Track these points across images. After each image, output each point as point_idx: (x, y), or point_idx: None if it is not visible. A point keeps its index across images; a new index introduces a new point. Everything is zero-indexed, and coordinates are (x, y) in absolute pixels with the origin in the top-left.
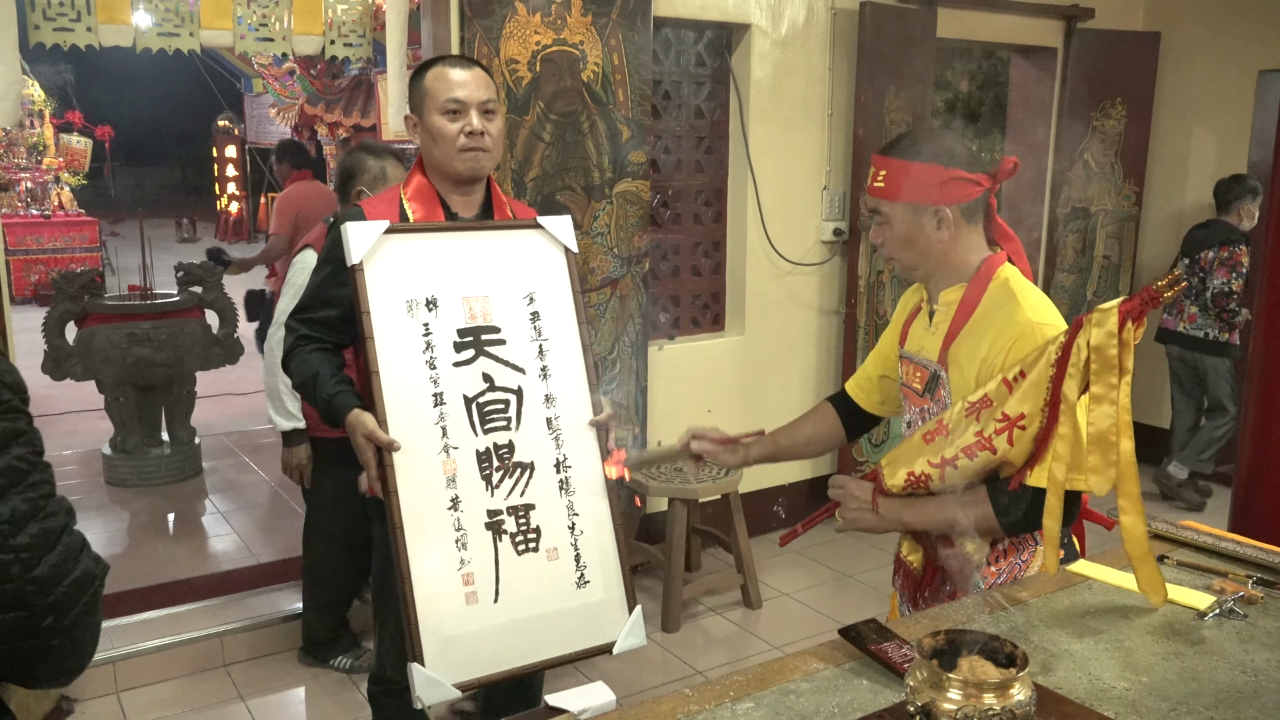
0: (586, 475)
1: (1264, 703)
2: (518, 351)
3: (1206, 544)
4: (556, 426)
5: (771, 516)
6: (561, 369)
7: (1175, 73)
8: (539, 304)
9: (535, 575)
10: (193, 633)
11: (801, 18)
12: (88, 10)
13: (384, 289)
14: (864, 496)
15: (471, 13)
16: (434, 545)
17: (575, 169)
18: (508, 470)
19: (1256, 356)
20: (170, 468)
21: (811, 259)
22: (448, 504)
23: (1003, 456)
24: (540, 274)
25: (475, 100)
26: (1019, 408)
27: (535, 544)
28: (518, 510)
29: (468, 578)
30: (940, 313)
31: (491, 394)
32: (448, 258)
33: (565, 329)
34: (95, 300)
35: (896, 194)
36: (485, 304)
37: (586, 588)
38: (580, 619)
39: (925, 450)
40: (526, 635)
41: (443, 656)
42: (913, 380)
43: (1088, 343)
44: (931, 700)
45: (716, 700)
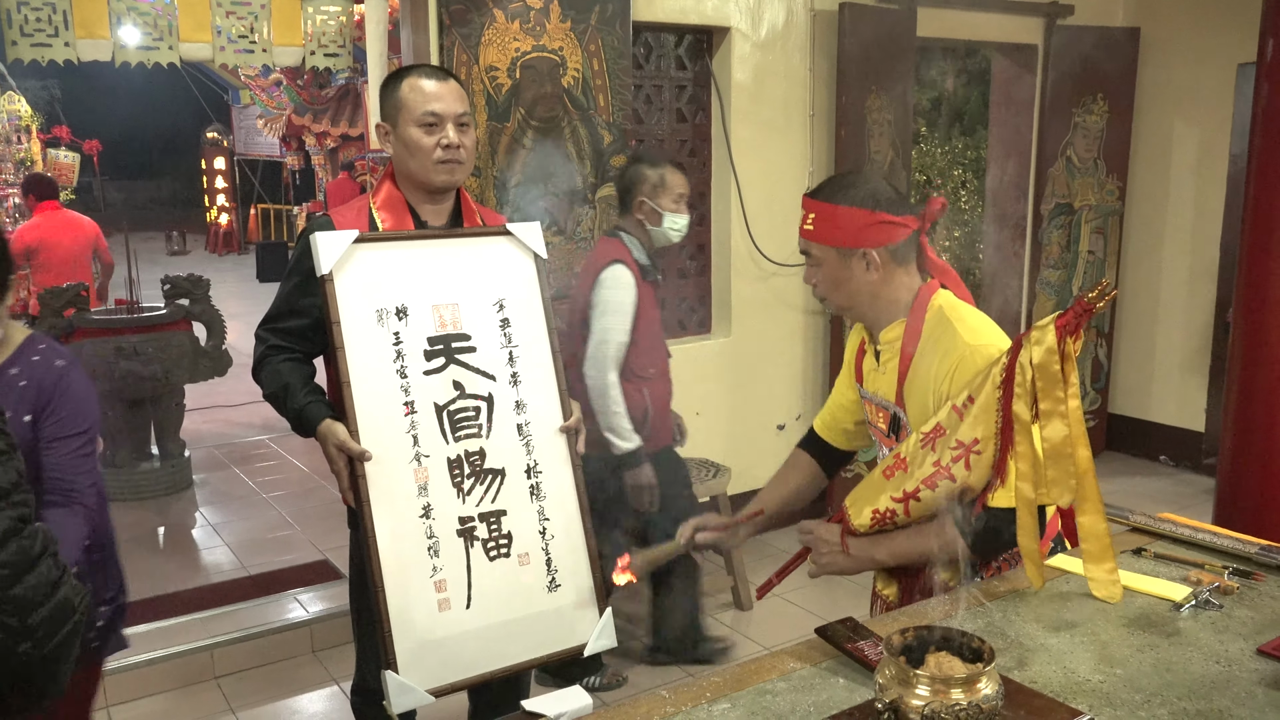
0: (557, 480)
1: (1236, 692)
2: (488, 358)
3: (1184, 536)
4: (527, 433)
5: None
6: (531, 375)
7: (1156, 68)
8: (509, 311)
9: (507, 580)
10: (183, 645)
11: (781, 20)
12: (65, 25)
13: (354, 299)
14: (833, 540)
15: (450, 21)
16: (406, 553)
17: (557, 175)
18: (479, 477)
19: (1237, 351)
20: (160, 481)
21: (796, 260)
22: (419, 512)
23: (962, 483)
24: (510, 281)
25: (451, 113)
26: (971, 433)
27: (507, 549)
28: (489, 516)
29: (440, 584)
30: (885, 351)
31: (462, 401)
32: (417, 266)
33: (535, 335)
34: (82, 315)
35: (824, 237)
36: (455, 311)
37: (558, 591)
38: (552, 622)
39: (887, 486)
40: (499, 640)
41: (416, 663)
42: (877, 420)
43: (1030, 361)
44: (899, 696)
45: (693, 701)
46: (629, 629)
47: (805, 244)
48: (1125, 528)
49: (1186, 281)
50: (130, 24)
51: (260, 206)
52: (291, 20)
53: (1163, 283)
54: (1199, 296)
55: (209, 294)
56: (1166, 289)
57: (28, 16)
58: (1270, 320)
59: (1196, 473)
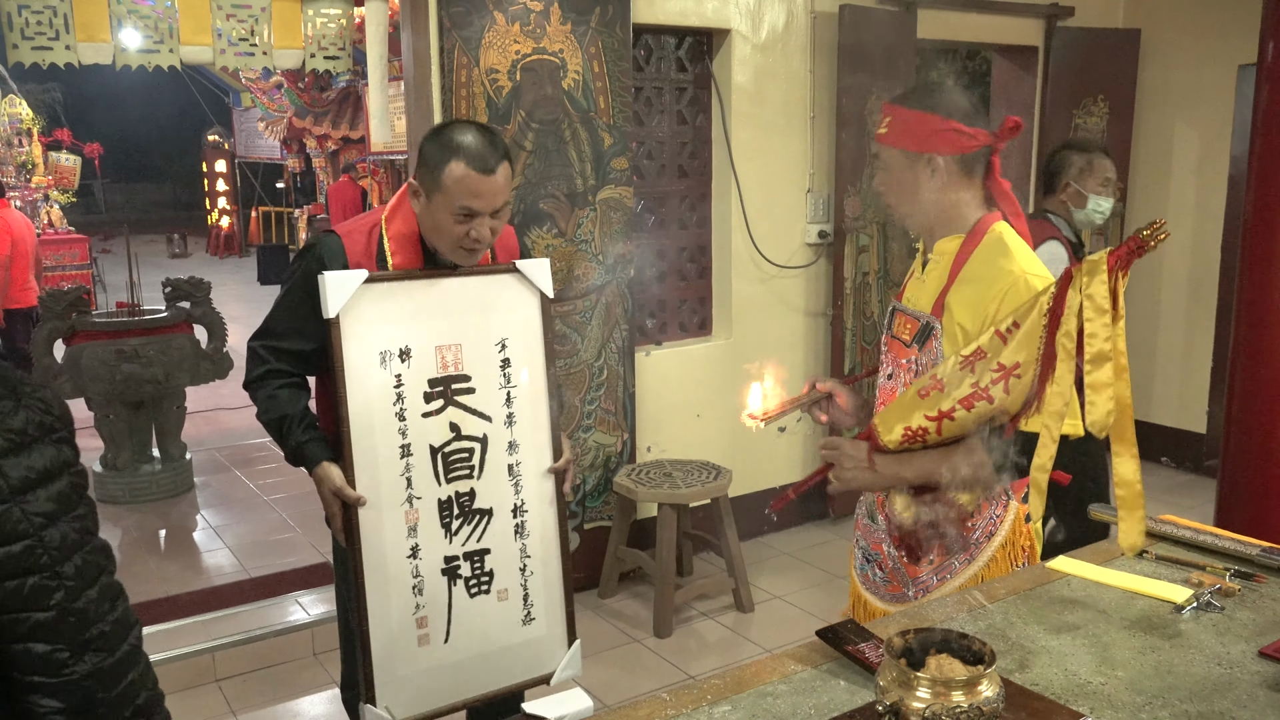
0: (541, 518)
1: (1238, 695)
2: (485, 399)
3: (1185, 537)
4: (517, 473)
5: (762, 520)
6: (526, 415)
7: (1156, 69)
8: (510, 350)
9: (485, 615)
10: (184, 648)
11: (781, 22)
12: (66, 29)
13: (359, 341)
14: (860, 455)
15: (450, 24)
16: (392, 592)
17: (558, 177)
18: (467, 517)
19: (1238, 352)
20: (162, 484)
21: (797, 262)
22: (407, 553)
23: (999, 405)
24: (513, 320)
25: (490, 209)
26: (1014, 357)
27: (487, 587)
28: (473, 555)
29: (421, 621)
30: (933, 263)
31: (457, 443)
32: (423, 307)
33: (534, 375)
34: (83, 318)
35: (895, 140)
36: (457, 353)
37: (531, 624)
38: (523, 654)
39: (921, 405)
40: (474, 671)
41: (394, 695)
42: (902, 332)
43: (1080, 292)
44: (900, 699)
45: (694, 704)
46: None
47: (877, 147)
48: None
49: (1187, 282)
50: (131, 27)
51: (261, 209)
52: (292, 23)
53: (1164, 284)
54: (1200, 298)
55: (210, 297)
56: (1168, 290)
57: (28, 20)
58: (1272, 321)
59: (1198, 474)
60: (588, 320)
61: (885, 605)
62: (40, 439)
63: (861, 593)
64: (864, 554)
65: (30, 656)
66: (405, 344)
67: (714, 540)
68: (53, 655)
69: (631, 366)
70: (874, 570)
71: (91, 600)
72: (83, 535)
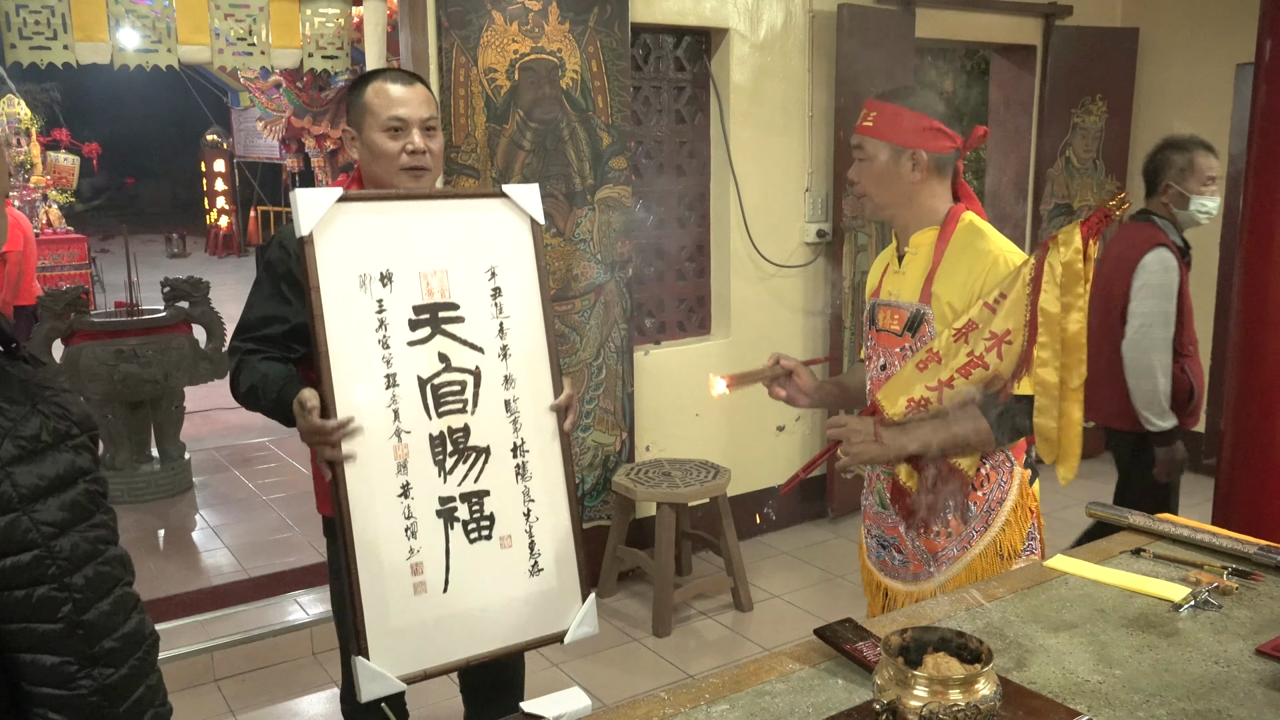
0: (545, 460)
1: (1235, 692)
2: (477, 330)
3: (1183, 536)
4: (515, 409)
5: (761, 519)
6: (522, 349)
7: (1154, 68)
8: (501, 279)
9: (487, 563)
10: (183, 648)
11: (780, 21)
12: (64, 28)
13: (335, 263)
14: (866, 429)
15: (449, 23)
16: (382, 534)
17: (556, 176)
18: (462, 455)
19: (1236, 351)
20: (160, 483)
21: (795, 261)
22: (397, 491)
23: (994, 370)
24: (503, 247)
25: (417, 118)
26: (1004, 325)
27: (488, 531)
28: (471, 496)
29: (416, 567)
30: (910, 255)
31: (448, 375)
32: (404, 229)
33: (528, 306)
34: (81, 317)
35: (882, 134)
36: (444, 279)
37: (540, 575)
38: (532, 607)
39: (921, 377)
40: (476, 624)
41: (388, 649)
42: (890, 324)
43: (1058, 260)
44: (898, 697)
45: (692, 703)
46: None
47: (860, 139)
48: (1125, 528)
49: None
50: (129, 26)
51: (260, 209)
52: (290, 22)
53: None
54: (1198, 297)
55: (208, 296)
56: None
57: (26, 19)
58: (1270, 321)
59: (1196, 473)
60: (586, 319)
61: (909, 587)
62: (54, 445)
63: (881, 580)
64: (879, 541)
65: (38, 668)
66: (386, 267)
67: (713, 539)
68: (61, 668)
69: (630, 366)
70: (892, 554)
71: (103, 613)
72: (95, 545)
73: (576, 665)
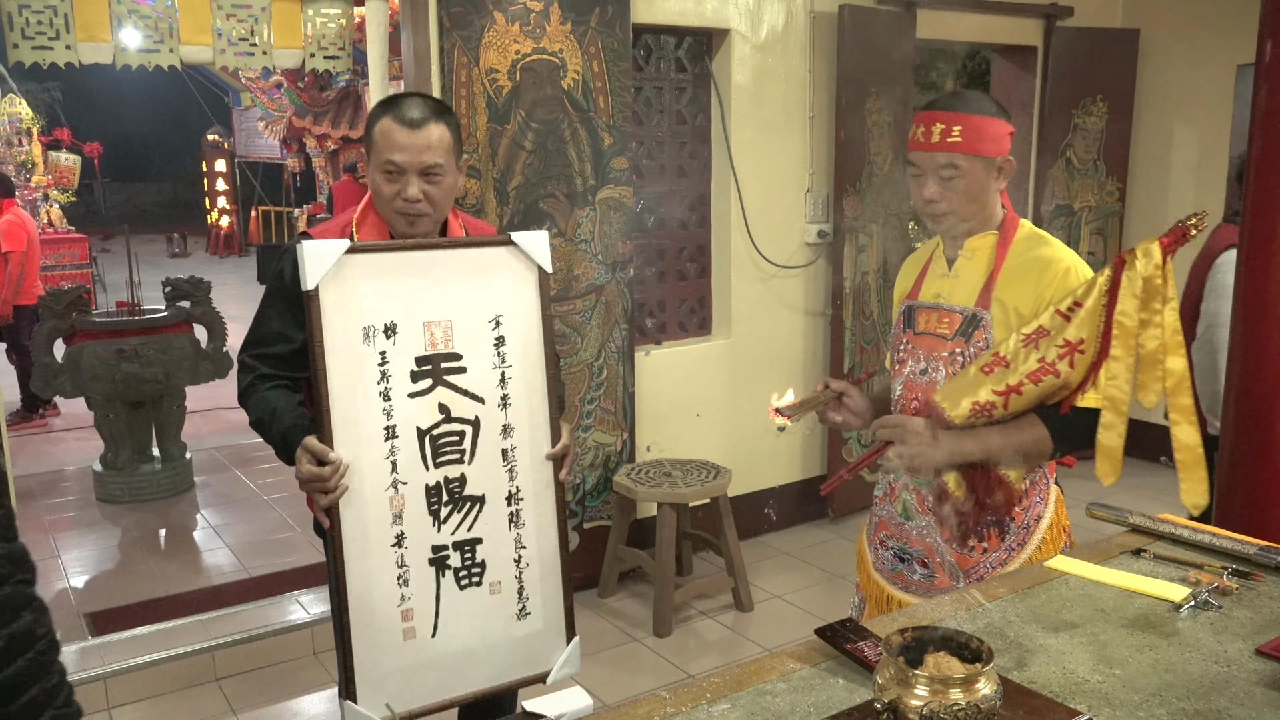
0: (538, 507)
1: (1235, 692)
2: (478, 380)
3: (1183, 536)
4: (512, 458)
5: (761, 519)
6: (523, 397)
7: (1155, 69)
8: (505, 328)
9: (476, 609)
10: (184, 647)
11: (781, 22)
12: (66, 28)
13: (340, 316)
14: (924, 431)
15: (450, 24)
16: (375, 583)
17: (557, 176)
18: (457, 504)
19: (1236, 351)
20: (161, 483)
21: (796, 261)
22: (392, 541)
23: (1065, 379)
24: (509, 296)
25: (415, 166)
26: (1078, 334)
27: (479, 578)
28: (464, 545)
29: (407, 613)
30: (965, 259)
31: (447, 425)
32: (411, 280)
33: (530, 355)
34: (83, 317)
35: (974, 148)
36: (447, 330)
37: (527, 619)
38: (518, 650)
39: (986, 380)
40: (462, 667)
41: (375, 692)
42: (938, 327)
43: (1139, 274)
44: (898, 697)
45: (693, 702)
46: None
47: (952, 157)
48: (1125, 529)
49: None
50: (131, 26)
51: (261, 209)
52: (292, 22)
53: None
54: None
55: (210, 296)
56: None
57: (29, 19)
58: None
59: None
60: (587, 320)
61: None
62: None
63: (894, 594)
64: (896, 554)
65: None
66: (391, 319)
67: (713, 539)
68: None
69: (631, 366)
70: (913, 568)
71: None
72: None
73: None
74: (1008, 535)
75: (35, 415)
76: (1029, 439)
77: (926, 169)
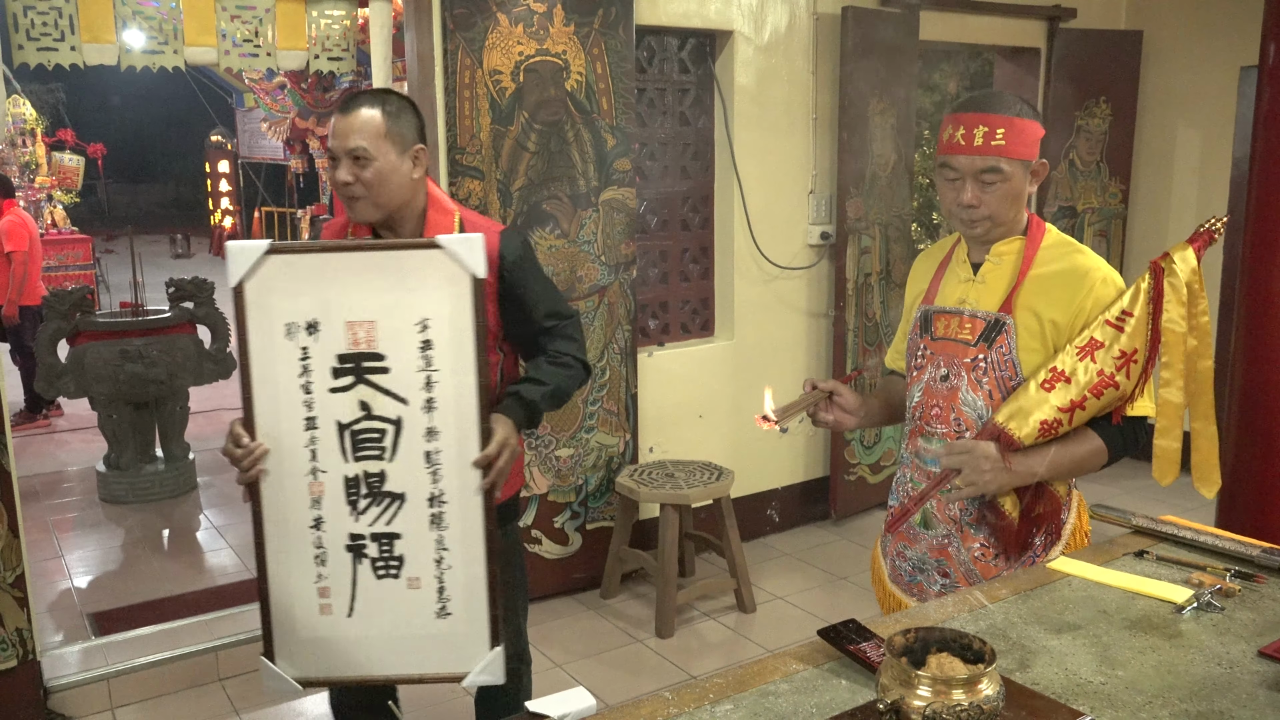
0: (464, 511)
1: (1237, 694)
2: (401, 381)
3: (1186, 538)
4: (437, 461)
5: (764, 520)
6: (450, 402)
7: (1158, 71)
8: (433, 332)
9: (392, 599)
10: (188, 648)
11: (784, 23)
12: (71, 30)
13: (262, 312)
14: (995, 458)
15: (454, 25)
16: (293, 557)
17: (561, 178)
18: (376, 498)
19: (1239, 352)
20: (165, 483)
21: (799, 263)
22: (310, 523)
23: (1123, 390)
24: (437, 300)
25: (342, 150)
26: (1132, 344)
27: (396, 571)
28: (382, 537)
29: (324, 590)
30: (992, 264)
31: (367, 422)
32: (334, 280)
33: (461, 360)
34: (86, 317)
35: (1018, 151)
36: (370, 330)
37: (447, 619)
38: (436, 645)
39: (1049, 397)
40: (378, 650)
41: (292, 655)
42: (959, 332)
43: (1181, 280)
44: (901, 697)
45: (696, 703)
46: None
47: (996, 161)
48: (1128, 530)
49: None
50: (135, 28)
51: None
52: (296, 24)
53: None
54: None
55: (213, 297)
56: None
57: (33, 21)
58: (1273, 323)
59: None
60: (590, 321)
61: None
62: None
63: (909, 604)
64: (914, 564)
65: None
66: (313, 317)
67: (716, 541)
68: None
69: (634, 367)
70: (932, 577)
71: None
72: None
73: (579, 666)
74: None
75: (39, 416)
76: (1087, 452)
77: (966, 173)
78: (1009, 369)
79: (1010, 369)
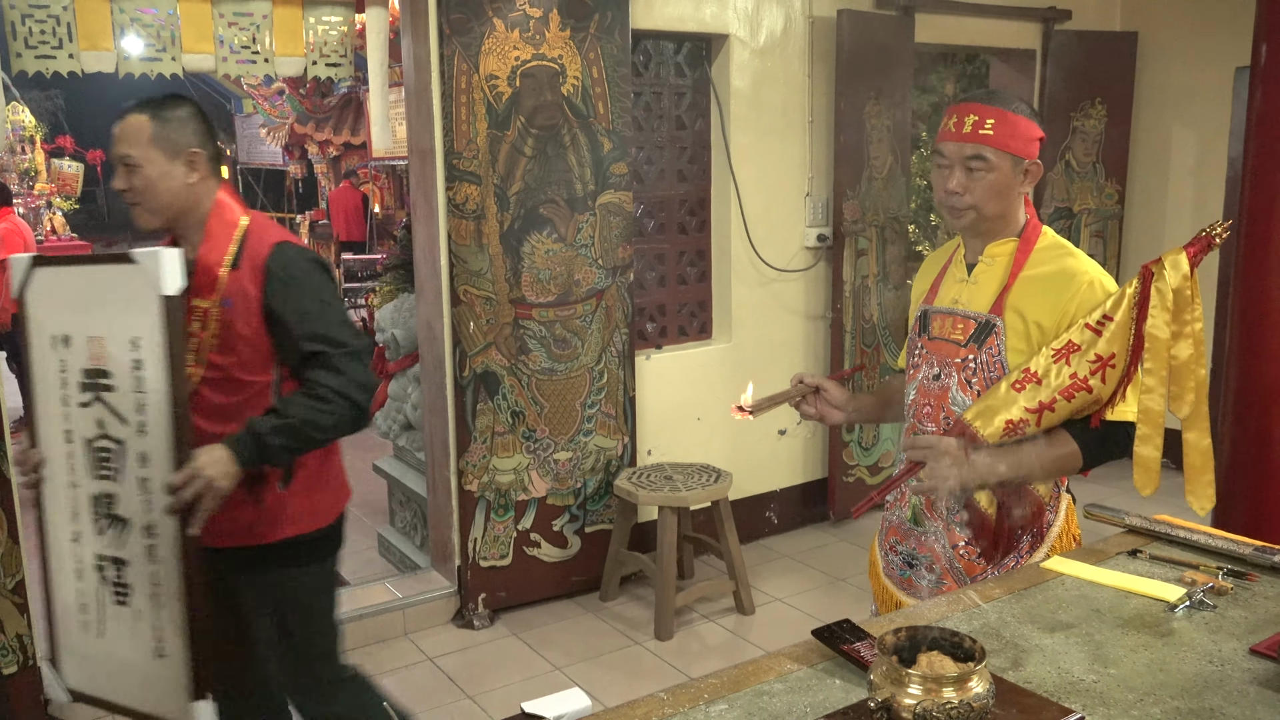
0: (169, 547)
1: (1228, 691)
2: (124, 401)
3: (1179, 537)
4: (149, 488)
5: (762, 523)
6: (156, 427)
7: (1153, 72)
8: (144, 351)
9: (126, 628)
10: None
11: (780, 27)
12: (69, 37)
13: (35, 323)
14: (956, 452)
15: (450, 30)
16: (63, 568)
17: (557, 182)
18: (111, 521)
19: (1234, 352)
20: None
21: (796, 265)
22: (71, 537)
23: (1097, 394)
24: (139, 318)
25: (115, 156)
26: (1109, 348)
27: (126, 600)
28: (116, 561)
29: (83, 607)
30: (985, 265)
31: (103, 441)
32: (78, 296)
33: (159, 384)
34: None
35: (1005, 144)
36: (101, 346)
37: (163, 660)
38: (155, 686)
39: (1018, 397)
40: (124, 677)
41: (64, 665)
42: (951, 333)
43: (1169, 286)
44: (892, 695)
45: (691, 703)
46: None
47: (980, 148)
48: (1121, 529)
49: None
50: (134, 35)
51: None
52: (293, 30)
53: None
54: None
55: None
56: None
57: (32, 29)
58: (1268, 322)
59: None
60: (588, 324)
61: None
62: None
63: (901, 599)
64: (905, 559)
65: None
66: (65, 331)
67: (714, 543)
68: None
69: (632, 370)
70: (921, 573)
71: None
72: None
73: (578, 668)
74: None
75: None
76: (1061, 455)
77: (954, 160)
78: (998, 370)
79: (999, 370)
